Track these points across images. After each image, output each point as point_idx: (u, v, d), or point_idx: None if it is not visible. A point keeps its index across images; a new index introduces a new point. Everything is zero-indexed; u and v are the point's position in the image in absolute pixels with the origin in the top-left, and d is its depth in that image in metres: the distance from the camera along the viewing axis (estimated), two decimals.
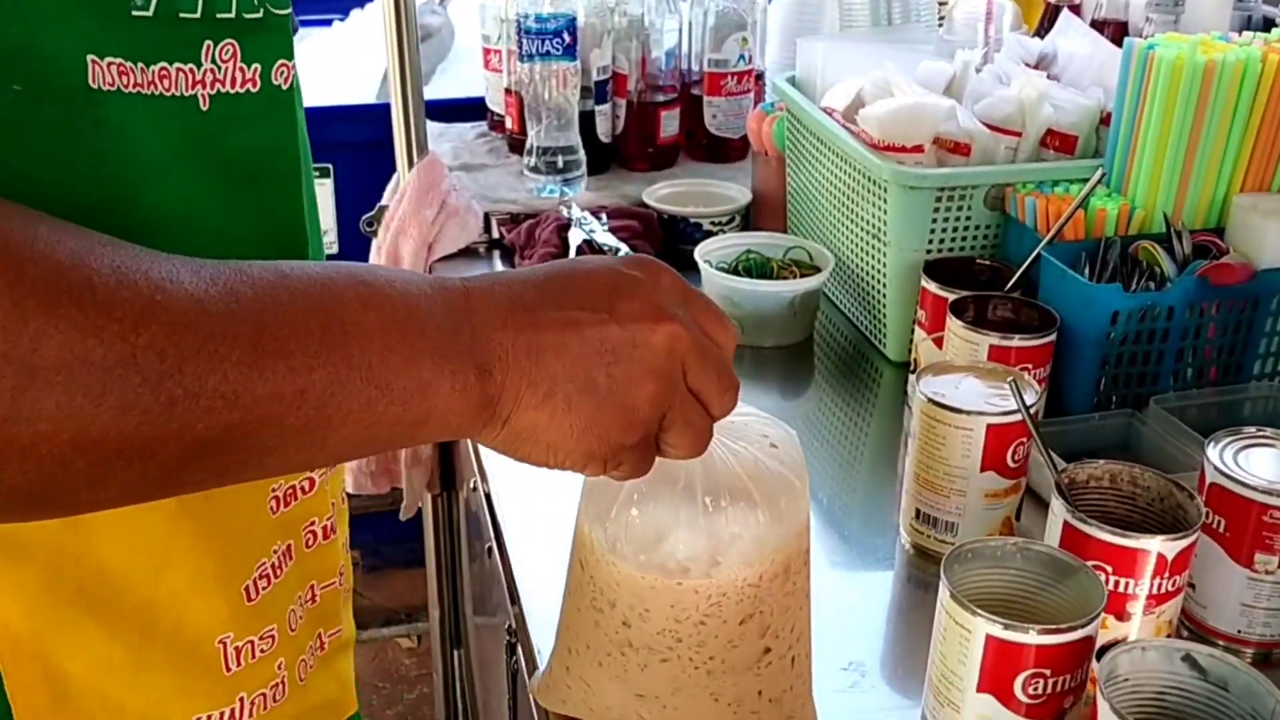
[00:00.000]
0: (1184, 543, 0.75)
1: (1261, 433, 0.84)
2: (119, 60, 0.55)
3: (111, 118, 0.55)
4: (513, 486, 1.06)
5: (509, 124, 1.73)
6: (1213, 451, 0.83)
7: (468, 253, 1.52)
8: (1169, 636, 0.78)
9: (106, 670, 0.64)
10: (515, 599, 0.94)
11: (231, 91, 0.61)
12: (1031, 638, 0.68)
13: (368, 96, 2.21)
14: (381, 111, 1.55)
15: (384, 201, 1.57)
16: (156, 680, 0.65)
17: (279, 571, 0.72)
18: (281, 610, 0.72)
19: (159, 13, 0.56)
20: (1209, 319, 1.07)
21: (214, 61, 0.60)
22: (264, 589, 0.70)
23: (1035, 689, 0.69)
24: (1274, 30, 1.16)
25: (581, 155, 1.58)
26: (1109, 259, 1.08)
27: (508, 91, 1.71)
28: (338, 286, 0.52)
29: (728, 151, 1.72)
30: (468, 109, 1.86)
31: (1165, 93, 1.09)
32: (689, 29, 1.69)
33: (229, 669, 0.68)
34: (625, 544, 0.69)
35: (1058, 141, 1.22)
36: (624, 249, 1.41)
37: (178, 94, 0.58)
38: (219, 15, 0.59)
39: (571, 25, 1.53)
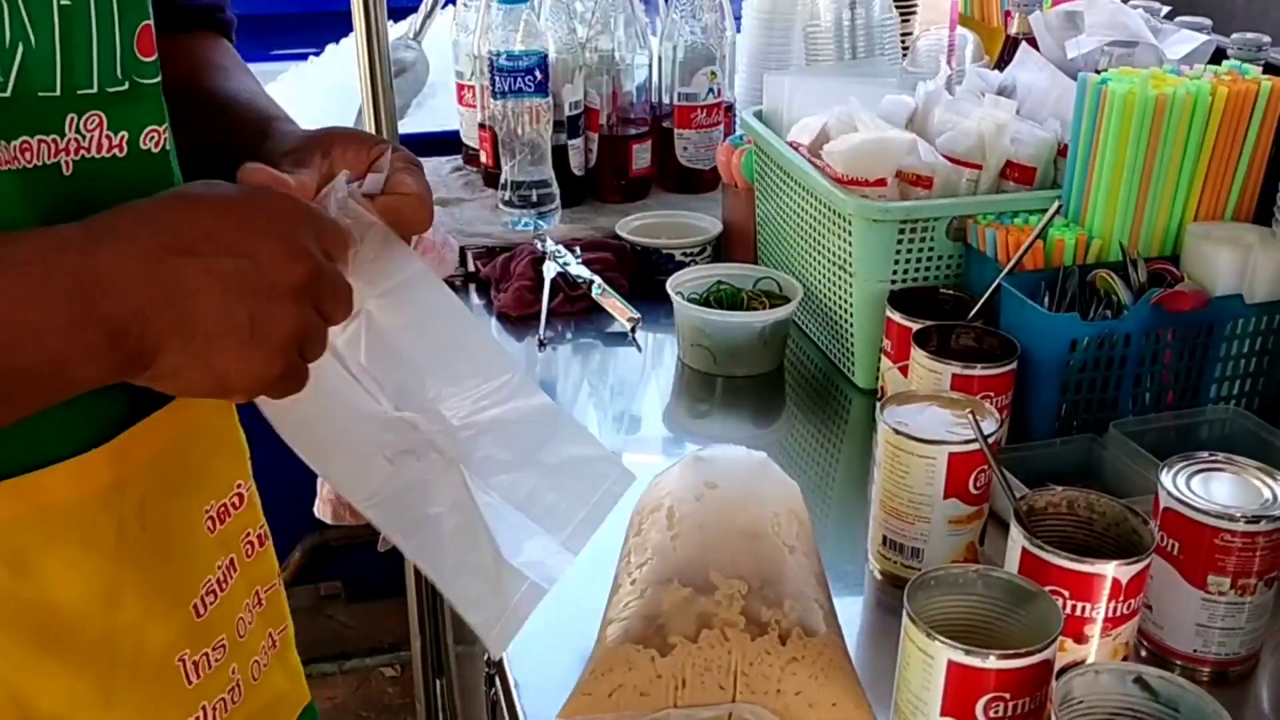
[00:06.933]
0: (1138, 567, 0.78)
1: (1213, 457, 0.87)
2: None
3: None
4: None
5: (483, 158, 1.75)
6: (1166, 477, 0.85)
7: None
8: (1126, 658, 0.81)
9: (76, 702, 0.67)
10: None
11: (97, 156, 0.64)
12: (991, 662, 0.71)
13: None
14: None
15: None
16: (125, 703, 0.69)
17: (224, 585, 0.76)
18: (230, 620, 0.77)
19: (17, 93, 0.59)
20: (1165, 345, 1.10)
21: (78, 131, 0.63)
22: (211, 604, 0.75)
23: (996, 712, 0.72)
24: (1224, 63, 1.20)
25: (555, 189, 1.61)
26: (1068, 288, 1.12)
27: (481, 127, 1.74)
28: None
29: (699, 183, 1.74)
30: (443, 142, 1.88)
31: (1119, 126, 1.12)
32: (659, 63, 1.72)
33: (189, 682, 0.73)
34: None
35: (1017, 173, 1.25)
36: (598, 281, 1.44)
37: (40, 164, 0.61)
38: (80, 91, 0.63)
39: (543, 62, 1.56)
